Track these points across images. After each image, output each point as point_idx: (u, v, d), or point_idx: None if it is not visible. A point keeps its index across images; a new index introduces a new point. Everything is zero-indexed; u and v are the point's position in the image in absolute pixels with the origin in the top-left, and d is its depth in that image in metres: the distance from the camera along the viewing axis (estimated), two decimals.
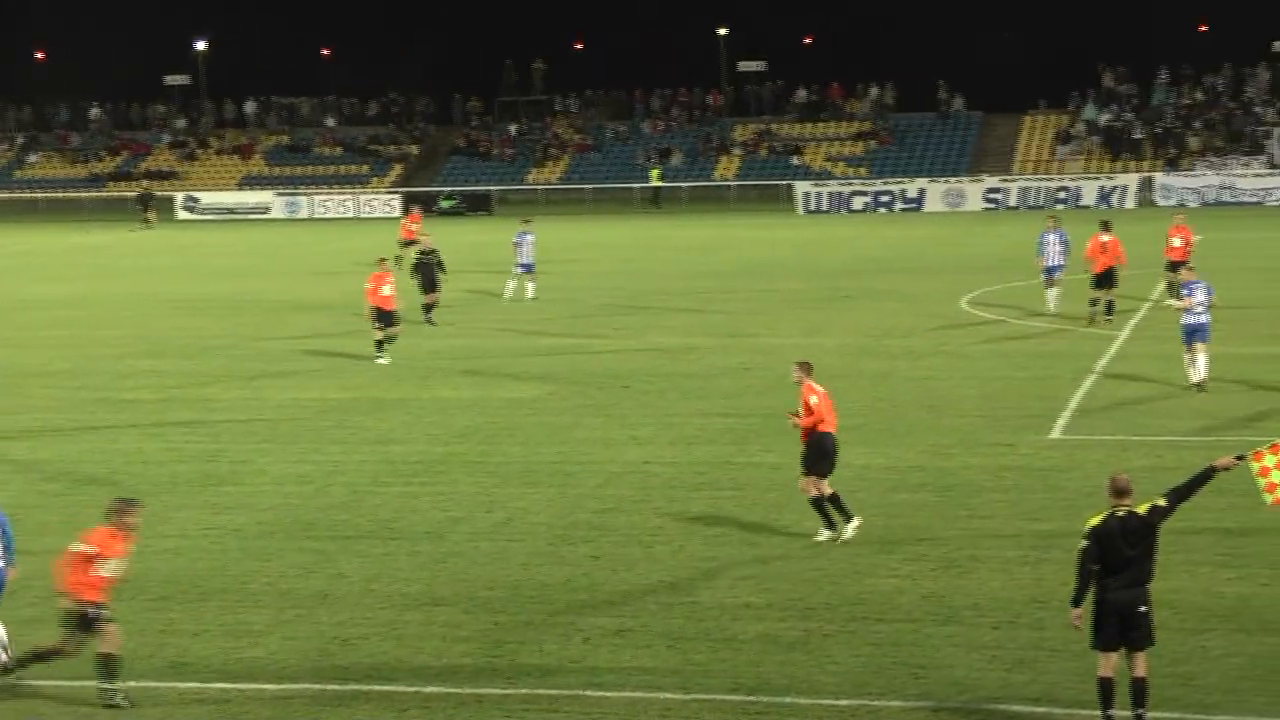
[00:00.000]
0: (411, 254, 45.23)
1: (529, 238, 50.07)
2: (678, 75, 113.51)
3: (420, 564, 21.36)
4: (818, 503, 22.08)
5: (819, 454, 22.06)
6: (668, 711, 16.16)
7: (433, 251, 44.98)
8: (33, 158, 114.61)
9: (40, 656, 17.00)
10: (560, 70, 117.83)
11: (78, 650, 16.76)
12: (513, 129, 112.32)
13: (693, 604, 19.42)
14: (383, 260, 39.81)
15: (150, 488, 25.77)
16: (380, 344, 37.87)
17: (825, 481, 22.02)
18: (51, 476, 26.95)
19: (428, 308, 44.43)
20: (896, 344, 39.69)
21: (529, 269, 49.99)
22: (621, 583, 20.36)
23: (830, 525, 22.02)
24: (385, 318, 38.07)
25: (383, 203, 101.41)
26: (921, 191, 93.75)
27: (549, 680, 17.01)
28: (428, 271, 44.83)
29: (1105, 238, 41.46)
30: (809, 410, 22.06)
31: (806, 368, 22.47)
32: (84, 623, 16.61)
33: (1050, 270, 43.47)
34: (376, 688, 16.90)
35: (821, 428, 22.08)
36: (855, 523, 22.03)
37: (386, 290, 38.25)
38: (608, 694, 16.62)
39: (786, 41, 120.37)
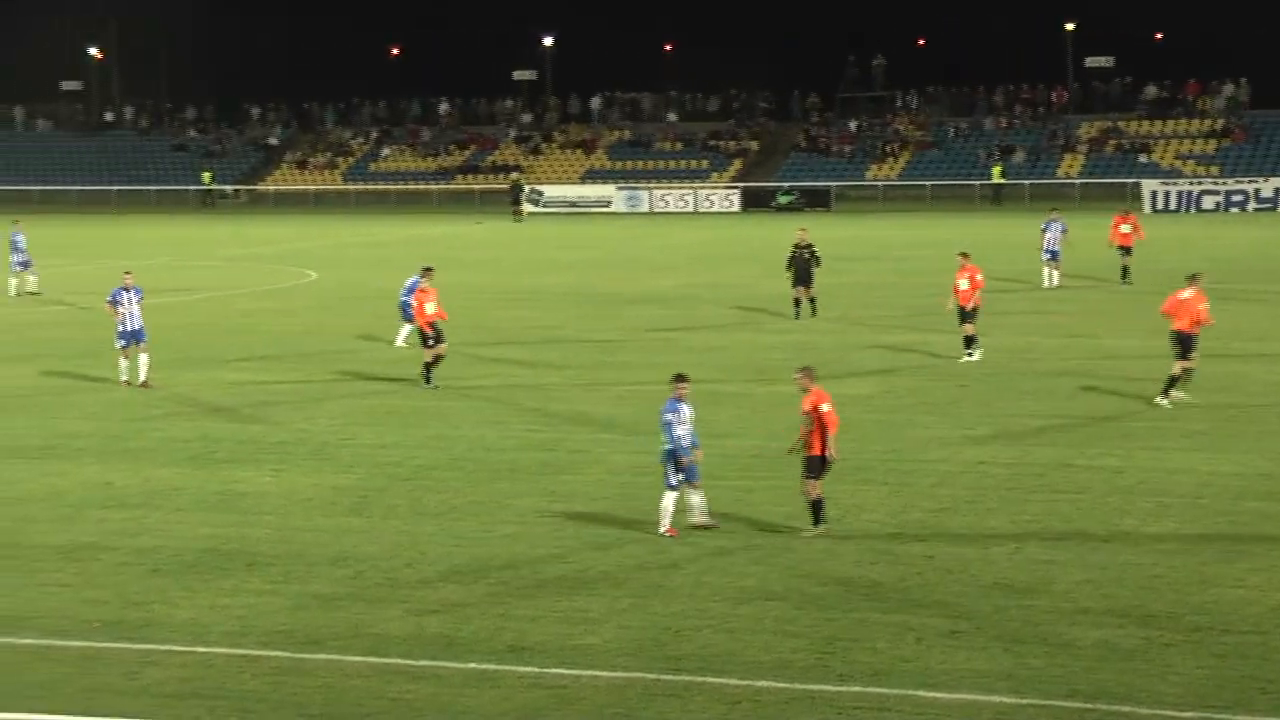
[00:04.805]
0: (788, 248, 45.47)
1: (1057, 225, 52.61)
2: (1022, 71, 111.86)
3: (754, 558, 21.37)
4: None
5: None
6: (1001, 715, 15.89)
7: (808, 246, 45.12)
8: (385, 151, 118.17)
9: (815, 505, 22.14)
10: (902, 66, 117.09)
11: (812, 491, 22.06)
12: (853, 125, 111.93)
13: (1029, 607, 19.06)
14: (963, 255, 39.52)
15: (490, 475, 26.33)
16: (969, 340, 37.18)
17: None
18: (397, 461, 27.68)
19: (798, 301, 44.73)
20: (1248, 347, 38.46)
21: (1054, 256, 52.63)
22: (955, 583, 20.09)
23: None
24: (966, 316, 37.56)
25: (722, 197, 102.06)
26: (1277, 191, 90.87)
27: (880, 680, 16.85)
28: (802, 266, 44.91)
29: None
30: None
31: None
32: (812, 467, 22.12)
33: None
34: (709, 680, 16.94)
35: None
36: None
37: (964, 285, 37.81)
38: (940, 695, 16.40)
39: (1136, 37, 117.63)
